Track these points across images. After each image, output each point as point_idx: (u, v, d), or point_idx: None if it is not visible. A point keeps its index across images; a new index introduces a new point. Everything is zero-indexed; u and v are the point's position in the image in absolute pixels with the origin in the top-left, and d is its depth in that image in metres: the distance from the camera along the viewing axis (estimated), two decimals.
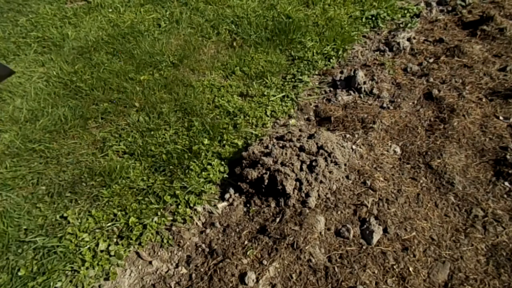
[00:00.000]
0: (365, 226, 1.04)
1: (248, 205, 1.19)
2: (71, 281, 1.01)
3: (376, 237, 1.00)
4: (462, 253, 0.96)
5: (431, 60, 1.68)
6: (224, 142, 1.39)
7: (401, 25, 1.99)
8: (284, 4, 2.19)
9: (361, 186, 1.16)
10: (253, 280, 0.94)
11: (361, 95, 1.56)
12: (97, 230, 1.13)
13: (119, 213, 1.17)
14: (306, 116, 1.52)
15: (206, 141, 1.38)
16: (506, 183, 1.10)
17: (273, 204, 1.16)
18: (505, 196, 1.08)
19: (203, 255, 1.05)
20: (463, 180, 1.14)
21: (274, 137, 1.30)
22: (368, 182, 1.16)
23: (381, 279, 0.93)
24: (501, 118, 1.32)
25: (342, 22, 2.01)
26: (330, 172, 1.15)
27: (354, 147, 1.27)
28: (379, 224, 1.04)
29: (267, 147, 1.26)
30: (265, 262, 0.98)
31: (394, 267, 0.95)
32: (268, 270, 0.96)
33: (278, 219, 1.09)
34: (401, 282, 0.91)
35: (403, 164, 1.23)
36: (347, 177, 1.18)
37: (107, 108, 1.58)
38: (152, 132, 1.45)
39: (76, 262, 1.04)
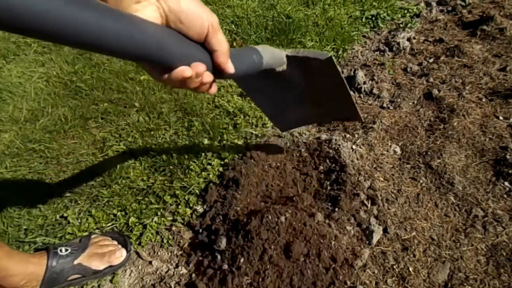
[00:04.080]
0: (365, 226, 1.04)
1: None
2: None
3: (376, 237, 1.00)
4: (462, 253, 0.96)
5: (431, 60, 1.68)
6: (224, 142, 1.39)
7: (401, 25, 1.99)
8: (284, 4, 2.19)
9: None
10: None
11: (361, 95, 1.56)
12: (97, 230, 1.13)
13: (119, 213, 1.17)
14: None
15: (206, 141, 1.38)
16: (506, 183, 1.11)
17: None
18: (505, 196, 1.08)
19: None
20: (463, 180, 1.14)
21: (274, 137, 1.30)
22: (368, 182, 1.15)
23: (381, 279, 0.93)
24: (501, 118, 1.32)
25: (342, 22, 2.01)
26: None
27: (354, 147, 1.27)
28: (379, 224, 1.04)
29: None
30: None
31: (394, 267, 0.95)
32: None
33: None
34: (401, 282, 0.91)
35: (403, 164, 1.23)
36: None
37: (107, 108, 1.58)
38: (152, 132, 1.45)
39: None
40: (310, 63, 0.84)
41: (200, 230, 1.09)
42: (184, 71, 0.50)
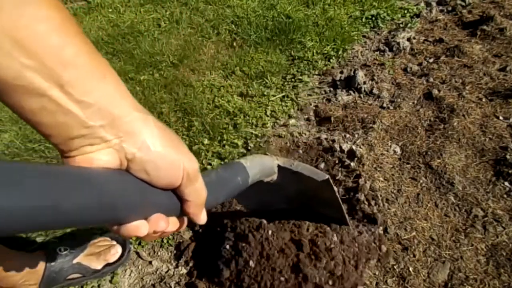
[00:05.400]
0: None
1: None
2: None
3: None
4: (462, 253, 0.96)
5: (431, 60, 1.68)
6: (224, 142, 1.39)
7: (401, 25, 2.00)
8: (284, 4, 2.19)
9: None
10: None
11: (361, 95, 1.56)
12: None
13: None
14: (306, 116, 1.52)
15: (206, 141, 1.38)
16: (506, 183, 1.10)
17: None
18: (505, 196, 1.08)
19: None
20: (463, 180, 1.14)
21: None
22: (368, 182, 1.15)
23: (381, 279, 0.93)
24: (501, 118, 1.32)
25: (342, 22, 2.01)
26: None
27: (354, 147, 1.27)
28: (379, 224, 1.04)
29: None
30: None
31: (394, 267, 0.95)
32: None
33: None
34: (401, 282, 0.91)
35: (403, 164, 1.23)
36: None
37: None
38: None
39: None
40: (304, 179, 0.74)
41: (200, 230, 1.09)
42: (139, 228, 0.38)
